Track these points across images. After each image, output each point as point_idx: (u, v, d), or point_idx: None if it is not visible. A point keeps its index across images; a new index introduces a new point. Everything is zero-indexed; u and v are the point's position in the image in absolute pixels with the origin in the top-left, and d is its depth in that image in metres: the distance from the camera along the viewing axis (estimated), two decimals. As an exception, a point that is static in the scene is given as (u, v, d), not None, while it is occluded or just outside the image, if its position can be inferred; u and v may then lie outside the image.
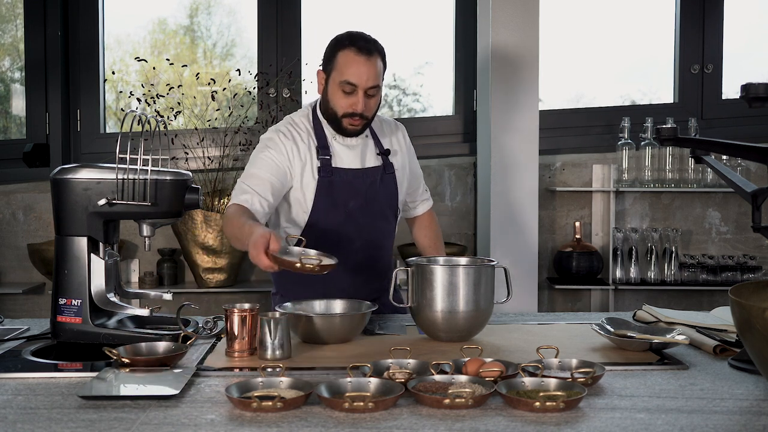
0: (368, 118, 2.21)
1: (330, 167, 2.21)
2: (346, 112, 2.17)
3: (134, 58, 3.98)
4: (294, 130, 2.24)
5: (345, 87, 2.15)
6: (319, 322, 1.83)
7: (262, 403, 1.32)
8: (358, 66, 2.13)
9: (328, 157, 2.22)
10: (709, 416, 1.32)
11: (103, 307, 1.85)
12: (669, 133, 1.89)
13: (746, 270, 3.78)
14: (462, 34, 4.11)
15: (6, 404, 1.40)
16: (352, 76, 2.14)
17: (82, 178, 1.82)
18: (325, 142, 2.23)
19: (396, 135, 2.39)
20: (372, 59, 2.15)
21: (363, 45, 2.15)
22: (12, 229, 3.98)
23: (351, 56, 2.14)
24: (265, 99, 3.93)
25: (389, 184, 2.30)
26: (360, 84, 2.14)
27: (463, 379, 1.45)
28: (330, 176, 2.21)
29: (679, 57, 4.14)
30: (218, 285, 3.75)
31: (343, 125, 2.20)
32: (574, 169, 4.00)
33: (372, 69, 2.15)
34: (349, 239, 2.24)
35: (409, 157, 2.42)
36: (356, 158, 2.26)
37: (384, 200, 2.30)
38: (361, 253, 2.27)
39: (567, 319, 2.20)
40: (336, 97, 2.17)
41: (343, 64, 2.15)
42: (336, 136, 2.24)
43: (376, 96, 2.20)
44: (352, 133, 2.22)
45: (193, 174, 2.18)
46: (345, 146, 2.25)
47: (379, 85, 2.19)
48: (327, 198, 2.22)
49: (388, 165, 2.30)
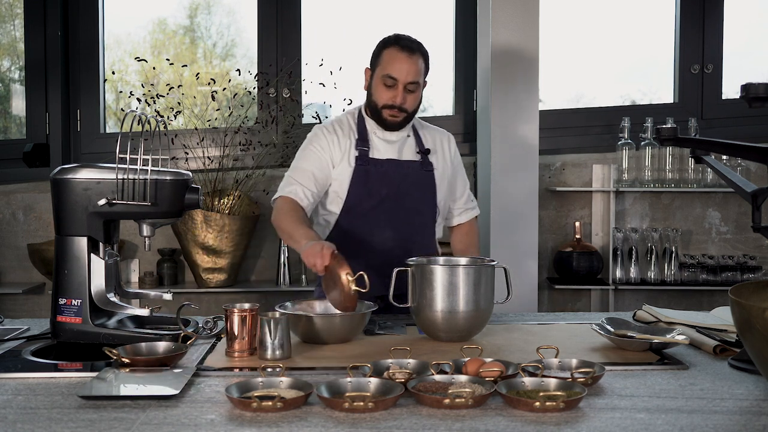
0: (407, 111, 2.34)
1: (366, 157, 2.35)
2: (386, 103, 2.32)
3: (134, 58, 3.98)
4: (337, 125, 2.40)
5: (386, 81, 2.30)
6: (319, 322, 1.83)
7: (262, 403, 1.32)
8: (399, 62, 2.29)
9: (366, 148, 2.36)
10: (709, 416, 1.32)
11: (103, 307, 1.85)
12: (669, 133, 1.89)
13: (746, 270, 3.78)
14: (462, 34, 4.11)
15: (6, 404, 1.40)
16: (393, 71, 2.29)
17: (82, 178, 1.82)
18: (365, 136, 2.38)
19: (441, 140, 2.50)
20: (413, 57, 2.30)
21: (406, 43, 2.31)
22: (12, 229, 3.98)
23: (394, 53, 2.30)
24: (265, 99, 3.93)
25: (426, 181, 2.39)
26: (400, 78, 2.29)
27: (463, 379, 1.45)
28: (366, 165, 2.33)
29: (679, 57, 4.14)
30: (218, 285, 3.75)
31: (383, 116, 2.34)
32: (574, 169, 4.00)
33: (413, 66, 2.29)
34: (380, 228, 2.33)
35: (454, 163, 2.50)
36: (394, 151, 2.38)
37: (419, 195, 2.37)
38: (391, 242, 2.33)
39: (567, 319, 2.20)
40: (378, 90, 2.33)
41: (387, 60, 2.31)
42: (377, 131, 2.38)
43: (415, 92, 2.33)
44: (392, 125, 2.36)
45: (193, 174, 2.18)
46: (384, 140, 2.38)
47: (418, 82, 2.32)
48: (362, 186, 2.33)
49: (427, 163, 2.40)
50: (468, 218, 2.59)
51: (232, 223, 3.63)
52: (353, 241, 2.31)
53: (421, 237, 2.40)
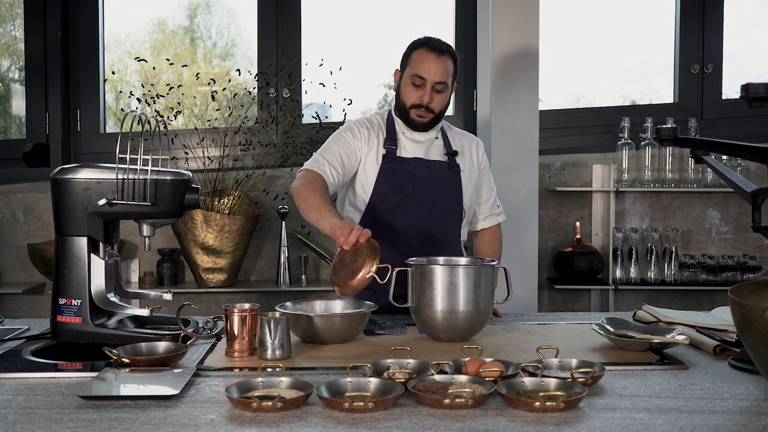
0: (435, 112, 2.36)
1: (394, 156, 2.37)
2: (414, 103, 2.34)
3: (134, 58, 3.98)
4: (367, 122, 2.44)
5: (415, 80, 2.33)
6: (319, 322, 1.83)
7: (262, 403, 1.32)
8: (428, 62, 2.32)
9: (394, 147, 2.38)
10: (709, 416, 1.32)
11: (103, 307, 1.85)
12: (669, 133, 1.89)
13: (746, 270, 3.78)
14: (462, 34, 4.11)
15: (6, 404, 1.40)
16: (422, 71, 2.32)
17: (82, 178, 1.82)
18: (393, 135, 2.40)
19: (470, 144, 2.51)
20: (442, 57, 2.33)
21: (435, 45, 2.34)
22: (12, 229, 3.98)
23: (423, 53, 2.33)
24: (265, 99, 3.93)
25: (452, 182, 2.40)
26: (428, 78, 2.31)
27: (463, 379, 1.45)
28: (393, 163, 2.36)
29: (679, 57, 4.14)
30: (218, 285, 3.75)
31: (410, 116, 2.36)
32: (574, 169, 4.00)
33: (441, 66, 2.32)
34: (404, 225, 2.34)
35: (481, 168, 2.51)
36: (421, 151, 2.40)
37: (445, 196, 2.38)
38: (415, 240, 2.33)
39: (567, 319, 2.20)
40: (407, 90, 2.36)
41: (416, 60, 2.34)
42: (405, 131, 2.40)
43: (443, 93, 2.35)
44: (420, 125, 2.37)
45: (193, 174, 2.18)
46: (412, 140, 2.40)
47: (446, 83, 2.34)
48: (388, 183, 2.35)
49: (454, 164, 2.41)
50: (492, 224, 2.59)
51: (232, 223, 3.63)
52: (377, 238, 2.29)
53: (445, 236, 2.39)
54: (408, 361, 1.58)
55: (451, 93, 2.42)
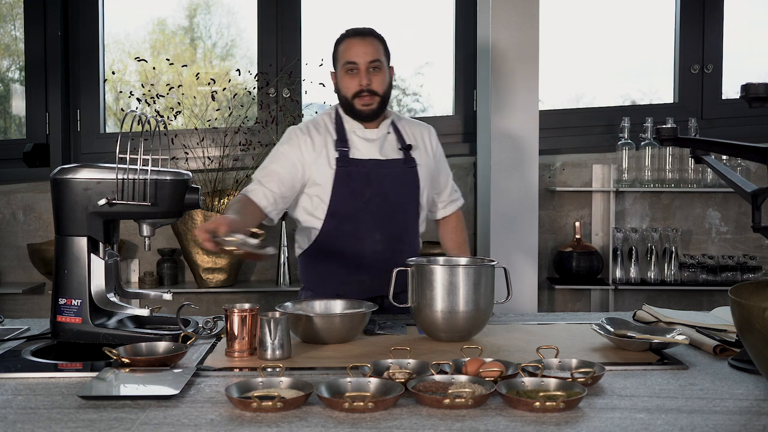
0: (378, 93, 2.29)
1: (347, 158, 2.29)
2: (354, 91, 2.28)
3: (134, 58, 3.98)
4: (312, 126, 2.36)
5: (348, 67, 2.28)
6: (319, 322, 1.83)
7: (262, 403, 1.32)
8: (355, 46, 2.28)
9: (346, 149, 2.30)
10: (709, 416, 1.32)
11: (103, 307, 1.85)
12: (669, 133, 1.89)
13: (746, 270, 3.78)
14: (462, 34, 4.11)
15: (6, 404, 1.40)
16: (351, 56, 2.27)
17: (82, 178, 1.82)
18: (344, 136, 2.33)
19: (422, 133, 2.45)
20: (367, 39, 2.29)
21: (356, 30, 2.32)
22: (12, 229, 3.98)
23: (348, 42, 2.30)
24: (265, 99, 3.93)
25: (410, 178, 2.35)
26: (359, 60, 2.26)
27: (463, 379, 1.45)
28: (347, 167, 2.28)
29: (679, 57, 4.14)
30: (218, 285, 3.75)
31: (356, 108, 2.30)
32: (574, 169, 4.00)
33: (369, 46, 2.28)
34: (368, 230, 2.29)
35: (436, 157, 2.46)
36: (375, 150, 2.33)
37: (404, 193, 2.34)
38: (381, 244, 2.30)
39: (567, 319, 2.20)
40: (344, 81, 2.30)
41: (343, 51, 2.30)
42: (356, 130, 2.33)
43: (380, 72, 2.29)
44: (368, 113, 2.30)
45: (193, 174, 2.18)
46: (364, 139, 2.33)
47: (380, 60, 2.29)
48: (345, 188, 2.28)
49: (410, 159, 2.36)
50: (453, 210, 2.57)
51: (232, 223, 3.62)
52: (341, 245, 2.29)
53: (407, 235, 2.36)
54: (408, 361, 1.58)
55: (392, 76, 2.36)
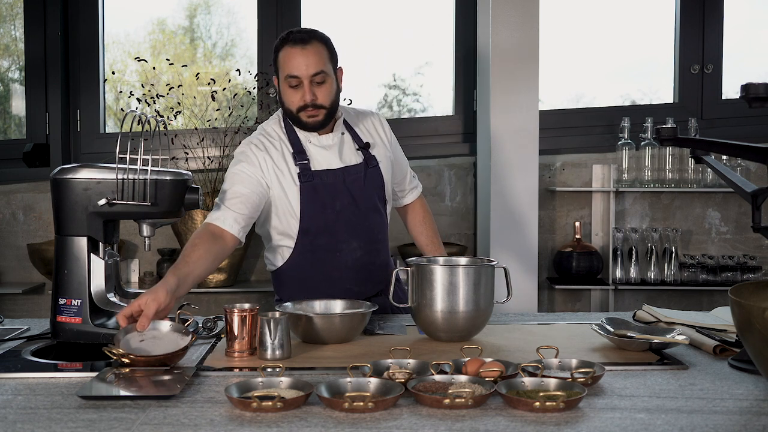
0: (324, 106, 2.16)
1: (309, 171, 2.18)
2: (298, 106, 2.15)
3: (134, 58, 3.98)
4: (266, 140, 2.22)
5: (290, 81, 2.14)
6: (319, 322, 1.83)
7: (262, 403, 1.32)
8: (295, 57, 2.12)
9: (306, 161, 2.19)
10: (709, 416, 1.32)
11: (103, 307, 1.85)
12: (669, 133, 1.89)
13: (746, 270, 3.78)
14: (462, 34, 4.11)
15: (6, 404, 1.40)
16: (292, 69, 2.12)
17: (82, 178, 1.82)
18: (300, 147, 2.20)
19: (373, 124, 2.35)
20: (308, 47, 2.12)
21: (296, 36, 2.14)
22: (12, 229, 3.98)
23: (288, 50, 2.14)
24: (265, 99, 3.93)
25: (375, 178, 2.26)
26: (302, 74, 2.12)
27: (463, 379, 1.45)
28: (311, 180, 2.18)
29: (679, 57, 4.14)
30: (218, 285, 3.75)
31: (303, 121, 2.17)
32: (574, 169, 4.00)
33: (310, 56, 2.12)
34: (345, 240, 2.22)
35: (392, 145, 2.37)
36: (335, 158, 2.22)
37: (372, 194, 2.26)
38: (359, 251, 2.25)
39: (567, 319, 2.20)
40: (287, 95, 2.17)
41: (283, 61, 2.15)
42: (311, 138, 2.21)
43: (325, 83, 2.15)
44: (314, 125, 2.18)
45: (193, 174, 2.17)
46: (321, 147, 2.21)
47: (324, 71, 2.14)
48: (313, 203, 2.18)
49: (371, 158, 2.26)
50: (415, 197, 2.49)
51: (232, 223, 3.63)
52: (319, 259, 2.23)
53: (381, 233, 2.31)
54: (408, 361, 1.58)
55: (339, 79, 2.22)
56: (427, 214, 2.52)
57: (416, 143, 4.03)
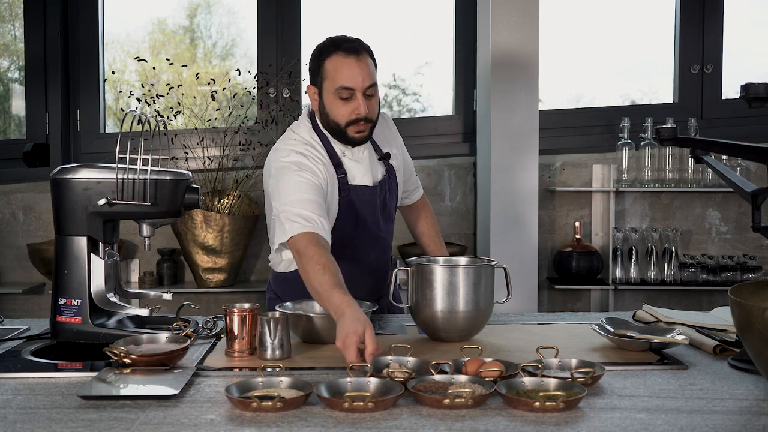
0: (373, 120, 2.09)
1: (347, 186, 2.11)
2: (349, 120, 2.04)
3: (134, 58, 3.98)
4: (312, 150, 2.09)
5: (342, 93, 2.02)
6: (319, 322, 1.83)
7: (262, 403, 1.32)
8: (350, 68, 2.01)
9: (344, 175, 2.11)
10: (709, 416, 1.32)
11: (102, 307, 1.85)
12: (669, 133, 1.89)
13: (746, 270, 3.78)
14: (462, 34, 4.11)
15: (6, 404, 1.40)
16: (346, 80, 2.01)
17: (82, 178, 1.82)
18: (338, 160, 2.11)
19: (389, 130, 2.31)
20: (362, 58, 2.03)
21: (349, 46, 2.04)
22: (12, 229, 3.98)
23: (340, 60, 2.03)
24: (265, 99, 3.93)
25: (393, 189, 2.26)
26: (357, 86, 2.01)
27: (463, 379, 1.45)
28: (349, 194, 2.11)
29: (679, 57, 4.14)
30: (218, 285, 3.75)
31: (349, 135, 2.07)
32: (574, 169, 4.00)
33: (364, 68, 2.02)
34: (365, 250, 2.20)
35: (401, 149, 2.34)
36: (367, 173, 2.15)
37: (391, 206, 2.27)
38: (374, 263, 2.23)
39: (567, 319, 2.20)
40: (335, 107, 2.05)
41: (334, 70, 2.03)
42: (345, 151, 2.13)
43: (375, 96, 2.08)
44: (360, 140, 2.10)
45: (193, 174, 2.17)
46: (354, 161, 2.14)
47: (375, 84, 2.06)
48: (349, 218, 2.13)
49: (391, 170, 2.24)
50: (418, 197, 2.45)
51: (232, 223, 3.63)
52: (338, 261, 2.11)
53: (390, 239, 2.30)
54: (408, 359, 1.58)
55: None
56: (429, 213, 2.50)
57: (416, 143, 4.02)
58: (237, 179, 3.80)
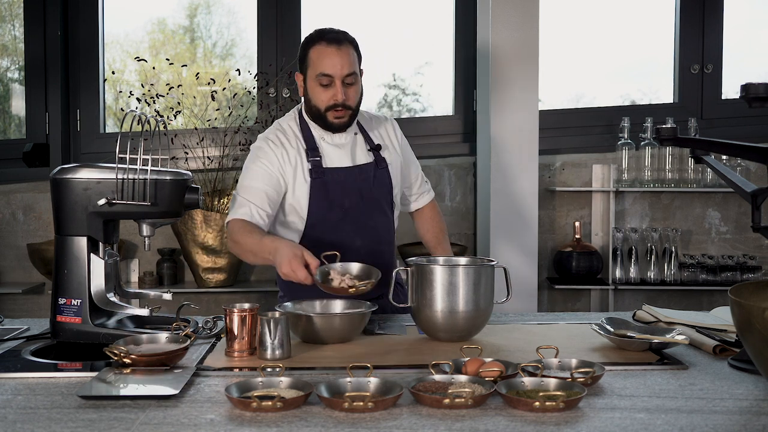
0: (351, 108, 2.22)
1: (321, 168, 2.22)
2: (327, 105, 2.19)
3: (134, 57, 3.98)
4: (282, 136, 2.26)
5: (322, 80, 2.17)
6: (319, 322, 1.83)
7: (262, 403, 1.32)
8: (330, 57, 2.16)
9: (318, 158, 2.22)
10: (708, 416, 1.32)
11: (102, 307, 1.85)
12: (669, 133, 1.89)
13: (746, 270, 3.78)
14: (462, 34, 4.11)
15: (6, 404, 1.40)
16: (326, 68, 2.16)
17: (81, 178, 1.82)
18: (313, 144, 2.24)
19: (386, 129, 2.39)
20: (343, 48, 2.17)
21: (332, 36, 2.18)
22: (12, 229, 3.98)
23: (322, 49, 2.17)
24: (264, 99, 3.93)
25: (383, 179, 2.30)
26: (335, 74, 2.16)
27: (463, 379, 1.45)
28: (322, 177, 2.21)
29: (679, 57, 4.14)
30: (218, 285, 3.75)
31: (328, 120, 2.21)
32: (574, 169, 4.00)
33: (345, 57, 2.16)
34: (349, 239, 2.23)
35: (402, 149, 2.41)
36: (346, 156, 2.26)
37: (379, 196, 2.29)
38: (362, 250, 2.24)
39: (567, 319, 2.20)
40: (315, 92, 2.20)
41: (316, 58, 2.18)
42: (325, 136, 2.25)
43: (355, 84, 2.20)
44: (339, 126, 2.23)
45: (193, 174, 2.17)
46: (334, 146, 2.26)
47: (355, 73, 2.20)
48: (322, 200, 2.22)
49: (381, 160, 2.30)
50: (425, 202, 2.51)
51: (232, 223, 3.63)
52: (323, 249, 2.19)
53: (385, 235, 2.32)
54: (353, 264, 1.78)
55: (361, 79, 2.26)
56: (436, 216, 2.53)
57: (416, 143, 3.98)
58: (237, 179, 3.79)
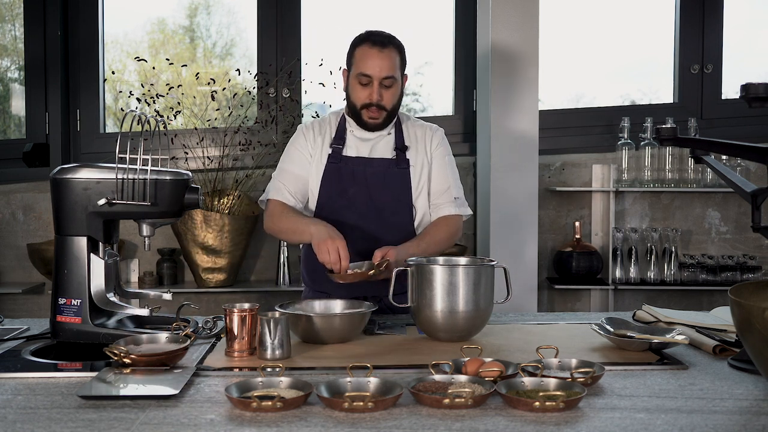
0: (386, 109, 2.29)
1: (339, 155, 2.33)
2: (363, 103, 2.28)
3: (134, 57, 3.98)
4: (317, 124, 2.41)
5: (361, 79, 2.26)
6: (319, 322, 1.83)
7: (261, 403, 1.32)
8: (372, 58, 2.25)
9: (341, 146, 2.34)
10: (708, 416, 1.32)
11: (102, 306, 1.85)
12: (669, 133, 1.89)
13: (746, 270, 3.78)
14: (462, 34, 4.11)
15: (6, 404, 1.40)
16: (366, 68, 2.25)
17: (81, 177, 1.82)
18: (342, 134, 2.36)
19: (424, 133, 2.39)
20: (386, 51, 2.25)
21: (377, 39, 2.27)
22: (12, 229, 3.98)
23: (366, 50, 2.27)
24: (264, 99, 3.93)
25: (400, 178, 2.32)
26: (374, 75, 2.25)
27: (462, 379, 1.45)
28: (338, 163, 2.32)
29: (679, 57, 4.14)
30: (218, 285, 3.75)
31: (363, 118, 2.31)
32: (574, 169, 4.00)
33: (385, 60, 2.25)
34: (351, 227, 2.25)
35: (435, 157, 2.36)
36: (366, 149, 2.35)
37: (392, 193, 2.30)
38: (364, 243, 2.22)
39: (567, 319, 2.20)
40: (355, 90, 2.30)
41: (359, 58, 2.27)
42: (354, 130, 2.35)
43: (392, 87, 2.28)
44: (373, 126, 2.32)
45: (192, 174, 2.17)
46: (359, 138, 2.35)
47: (394, 77, 2.27)
48: (332, 185, 2.31)
49: (402, 160, 2.34)
50: (441, 213, 2.35)
51: (232, 223, 3.63)
52: None
53: (396, 237, 2.25)
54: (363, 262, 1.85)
55: (403, 85, 2.33)
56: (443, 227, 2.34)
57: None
58: (237, 179, 3.80)
